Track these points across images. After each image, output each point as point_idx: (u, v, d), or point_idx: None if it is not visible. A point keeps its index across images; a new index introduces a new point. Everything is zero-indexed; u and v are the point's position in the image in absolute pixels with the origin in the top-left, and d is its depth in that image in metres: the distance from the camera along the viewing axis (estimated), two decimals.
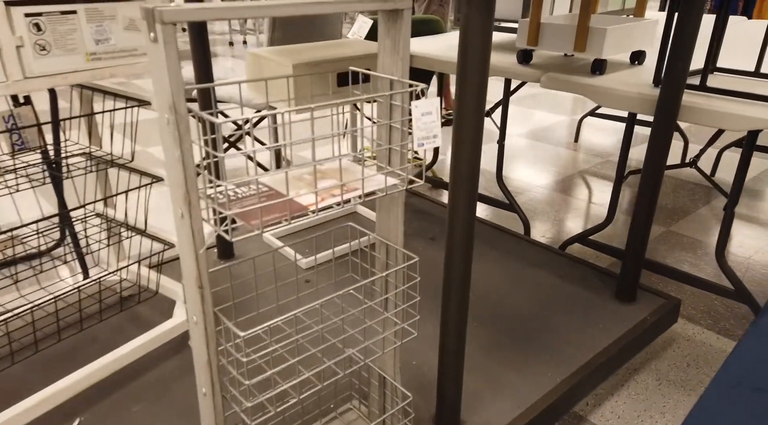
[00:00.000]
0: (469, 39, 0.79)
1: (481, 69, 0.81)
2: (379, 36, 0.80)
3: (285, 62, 1.38)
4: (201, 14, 0.58)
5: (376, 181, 0.78)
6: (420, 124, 0.75)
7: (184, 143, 0.63)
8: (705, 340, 1.50)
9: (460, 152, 0.85)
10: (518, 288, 1.50)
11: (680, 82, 1.22)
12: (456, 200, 0.88)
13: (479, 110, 0.84)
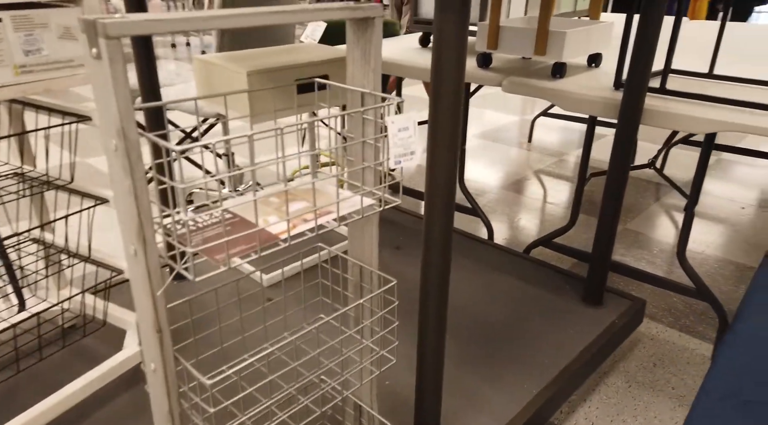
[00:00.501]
0: (443, 50, 0.74)
1: (456, 78, 0.76)
2: (347, 46, 0.75)
3: (238, 70, 1.29)
4: (153, 27, 0.51)
5: (351, 203, 0.72)
6: (397, 140, 0.69)
7: (136, 172, 0.55)
8: (668, 338, 1.52)
9: (437, 164, 0.81)
10: (487, 295, 1.48)
11: (642, 86, 1.22)
12: (432, 216, 0.84)
13: (455, 120, 0.79)
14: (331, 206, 0.71)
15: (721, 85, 1.40)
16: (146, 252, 0.58)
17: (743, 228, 2.11)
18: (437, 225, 0.83)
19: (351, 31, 0.73)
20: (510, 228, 2.11)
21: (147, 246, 0.58)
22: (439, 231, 0.83)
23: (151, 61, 1.38)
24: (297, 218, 0.68)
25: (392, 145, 0.69)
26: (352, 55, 0.74)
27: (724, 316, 1.40)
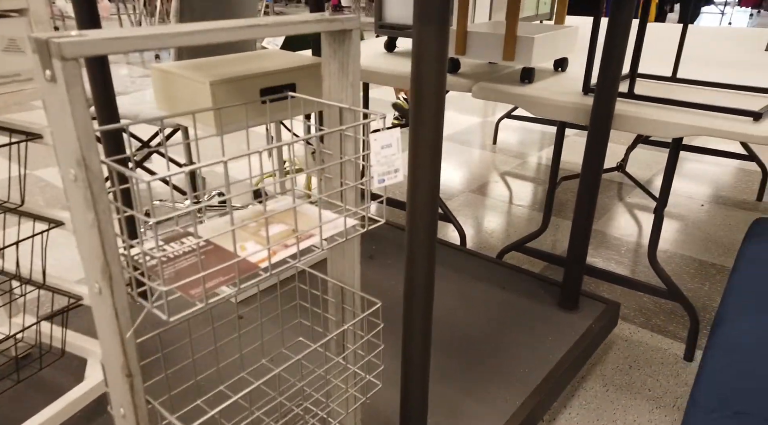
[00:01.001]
0: (424, 64, 0.71)
1: (437, 92, 0.73)
2: (323, 58, 0.71)
3: (201, 80, 1.23)
4: (114, 46, 0.46)
5: (334, 224, 0.68)
6: (380, 158, 0.66)
7: (99, 204, 0.50)
8: (641, 339, 1.54)
9: (419, 182, 0.78)
10: (464, 304, 1.46)
11: (613, 91, 1.22)
12: (415, 231, 0.81)
13: (436, 134, 0.76)
14: (313, 229, 0.67)
15: (685, 88, 1.42)
16: (113, 290, 0.53)
17: (704, 225, 2.17)
18: (421, 244, 0.80)
19: (327, 44, 0.69)
20: (481, 232, 2.11)
21: (113, 284, 0.53)
22: (423, 249, 0.80)
23: (105, 67, 1.30)
24: (277, 244, 0.64)
25: (375, 163, 0.66)
26: (328, 68, 0.70)
27: (695, 316, 1.42)
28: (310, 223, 0.69)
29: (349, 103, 0.70)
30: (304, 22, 0.60)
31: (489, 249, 1.98)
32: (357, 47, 0.67)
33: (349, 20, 0.65)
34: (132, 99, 1.81)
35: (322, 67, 0.71)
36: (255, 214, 0.72)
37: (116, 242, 0.52)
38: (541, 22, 2.19)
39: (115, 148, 1.33)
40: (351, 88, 0.69)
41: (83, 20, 1.22)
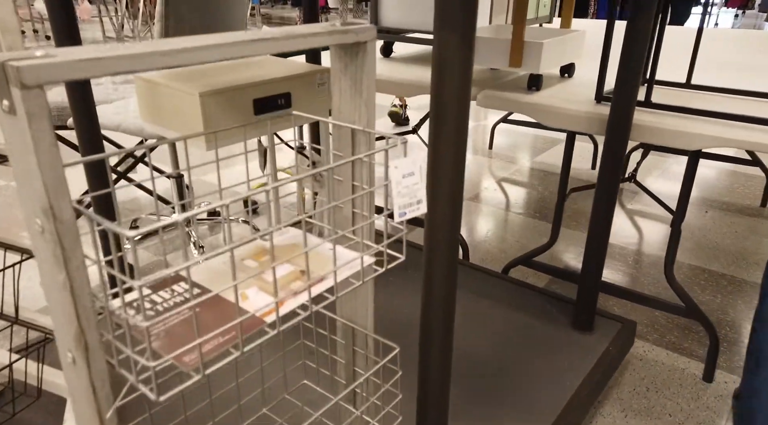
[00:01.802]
0: (446, 77, 0.63)
1: (460, 111, 0.65)
2: (332, 73, 0.62)
3: (189, 91, 1.14)
4: (90, 69, 0.37)
5: (348, 265, 0.59)
6: (401, 188, 0.57)
7: (72, 261, 0.40)
8: (656, 358, 1.47)
9: (437, 211, 0.69)
10: (472, 324, 1.38)
11: (631, 100, 1.15)
12: (433, 266, 0.72)
13: (459, 157, 0.68)
14: (321, 268, 0.58)
15: (701, 95, 1.36)
16: (89, 361, 0.44)
17: (710, 233, 2.11)
18: (441, 283, 0.72)
19: (337, 58, 0.60)
20: (482, 244, 2.03)
21: (90, 355, 0.43)
22: (443, 286, 0.71)
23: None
24: (285, 291, 0.55)
25: (396, 195, 0.57)
26: (338, 85, 0.61)
27: (715, 335, 1.35)
28: (319, 262, 0.60)
29: (363, 125, 0.61)
30: (314, 34, 0.51)
31: (492, 261, 1.90)
32: (372, 61, 0.58)
33: (364, 31, 0.56)
34: (115, 108, 1.71)
35: (331, 83, 0.62)
36: (256, 251, 0.62)
37: (93, 305, 0.42)
38: (540, 25, 2.12)
39: (96, 166, 1.23)
40: (365, 108, 0.60)
41: (59, 27, 1.12)
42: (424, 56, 1.85)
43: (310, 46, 0.51)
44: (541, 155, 2.95)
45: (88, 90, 1.18)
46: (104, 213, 1.28)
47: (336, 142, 0.64)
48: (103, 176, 1.22)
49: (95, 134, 1.21)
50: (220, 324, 0.50)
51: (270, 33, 0.49)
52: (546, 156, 2.94)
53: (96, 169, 1.20)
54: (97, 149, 1.24)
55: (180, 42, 0.44)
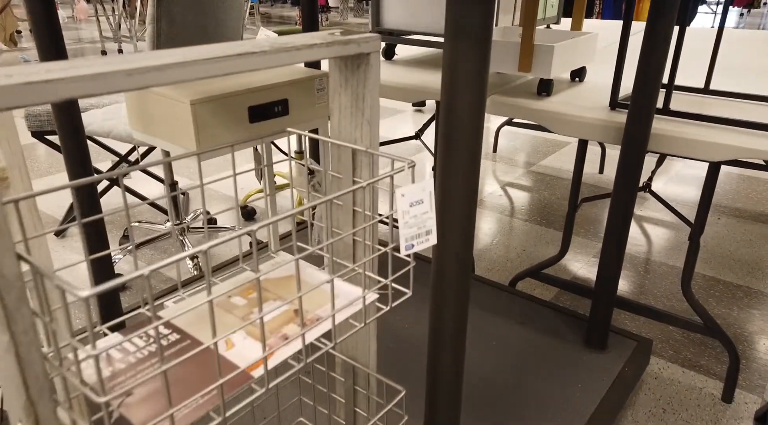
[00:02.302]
0: (458, 93, 0.56)
1: (474, 135, 0.58)
2: (331, 88, 0.55)
3: (180, 99, 1.07)
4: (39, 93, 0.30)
5: (348, 301, 0.52)
6: (408, 218, 0.51)
7: (17, 323, 0.34)
8: (672, 377, 1.40)
9: (449, 238, 0.62)
10: (478, 342, 1.31)
11: (650, 107, 1.08)
12: (444, 298, 0.65)
13: (473, 181, 0.61)
14: (315, 305, 0.51)
15: (720, 101, 1.29)
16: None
17: (724, 242, 2.05)
18: (450, 323, 0.65)
19: (337, 71, 0.53)
20: (488, 253, 1.96)
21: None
22: (453, 326, 0.64)
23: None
24: (276, 337, 0.48)
25: (403, 225, 0.50)
26: (338, 100, 0.55)
27: (735, 354, 1.28)
28: (315, 297, 0.54)
29: (365, 145, 0.54)
30: (309, 46, 0.45)
31: (498, 271, 1.84)
32: (376, 75, 0.52)
33: (368, 41, 0.49)
34: (104, 113, 1.64)
35: (330, 98, 0.55)
36: (243, 288, 0.56)
37: (45, 370, 0.36)
38: (548, 26, 2.05)
39: (81, 168, 1.16)
40: (368, 126, 0.53)
41: (43, 40, 1.05)
42: (428, 59, 1.78)
43: (305, 59, 0.44)
44: (547, 158, 2.88)
45: None
46: (92, 228, 1.21)
47: (335, 162, 0.58)
48: (91, 194, 1.16)
49: (80, 142, 1.14)
50: (200, 380, 0.43)
51: (259, 45, 0.43)
52: (552, 159, 2.87)
53: (83, 189, 1.14)
54: (83, 159, 1.17)
55: (149, 58, 0.37)
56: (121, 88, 0.35)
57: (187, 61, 0.37)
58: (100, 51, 5.54)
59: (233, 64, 0.39)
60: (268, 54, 0.42)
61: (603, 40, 2.15)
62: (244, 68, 0.41)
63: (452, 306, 0.65)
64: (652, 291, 1.74)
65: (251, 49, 0.41)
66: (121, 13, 5.50)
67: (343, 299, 0.54)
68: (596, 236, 2.08)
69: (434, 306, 0.65)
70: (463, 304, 0.66)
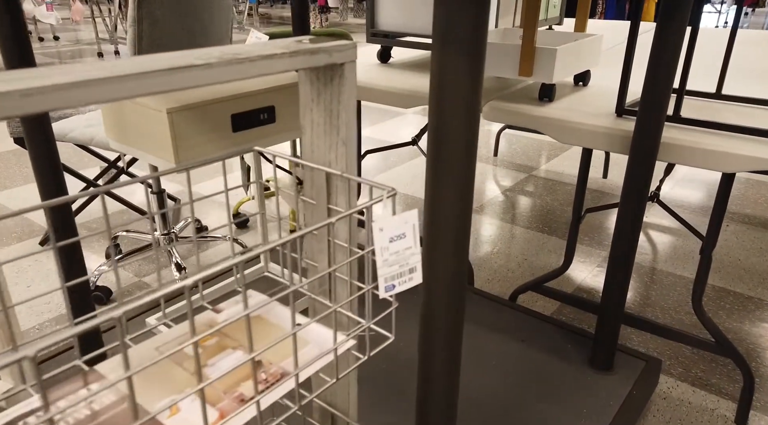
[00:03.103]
0: (447, 105, 0.49)
1: (467, 148, 0.51)
2: (301, 103, 0.48)
3: (156, 107, 1.00)
4: None
5: (319, 350, 0.45)
6: (387, 255, 0.44)
7: None
8: (682, 396, 1.33)
9: (437, 257, 0.55)
10: (475, 360, 1.24)
11: (660, 115, 1.00)
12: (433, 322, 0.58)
13: (466, 198, 0.54)
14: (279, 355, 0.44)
15: (733, 107, 1.22)
16: None
17: (733, 250, 1.97)
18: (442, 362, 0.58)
19: (307, 83, 0.46)
20: (488, 262, 1.89)
21: None
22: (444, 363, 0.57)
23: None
24: (231, 398, 0.41)
25: (381, 264, 0.43)
26: (309, 117, 0.48)
27: (749, 373, 1.21)
28: (284, 347, 0.47)
29: (340, 168, 0.47)
30: (268, 57, 0.37)
31: (498, 282, 1.76)
32: (351, 89, 0.44)
33: (341, 50, 0.42)
34: (87, 120, 1.58)
35: (300, 114, 0.48)
36: (203, 330, 0.49)
37: None
38: (550, 27, 1.98)
39: (54, 188, 1.09)
40: (344, 147, 0.46)
41: (7, 46, 0.98)
42: (425, 62, 1.71)
43: (263, 72, 0.37)
44: (549, 162, 2.81)
45: None
46: (68, 249, 1.14)
47: (308, 186, 0.51)
48: (66, 212, 1.09)
49: (51, 151, 1.07)
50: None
51: (203, 57, 0.35)
52: (555, 164, 2.80)
53: (57, 209, 1.07)
54: (53, 165, 1.09)
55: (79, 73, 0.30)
56: (69, 103, 0.28)
57: (100, 79, 0.30)
58: (96, 53, 5.48)
59: (164, 81, 0.32)
60: (214, 68, 0.35)
61: (607, 42, 2.07)
62: (176, 86, 0.34)
63: (443, 339, 0.58)
64: (660, 303, 1.67)
65: (192, 63, 0.34)
66: (118, 14, 5.43)
67: (314, 346, 0.46)
68: (601, 244, 2.00)
69: (424, 343, 0.57)
70: (456, 334, 0.59)
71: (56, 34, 6.32)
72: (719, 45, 1.95)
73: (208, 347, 0.46)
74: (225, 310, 0.52)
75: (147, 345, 0.46)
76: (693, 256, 1.93)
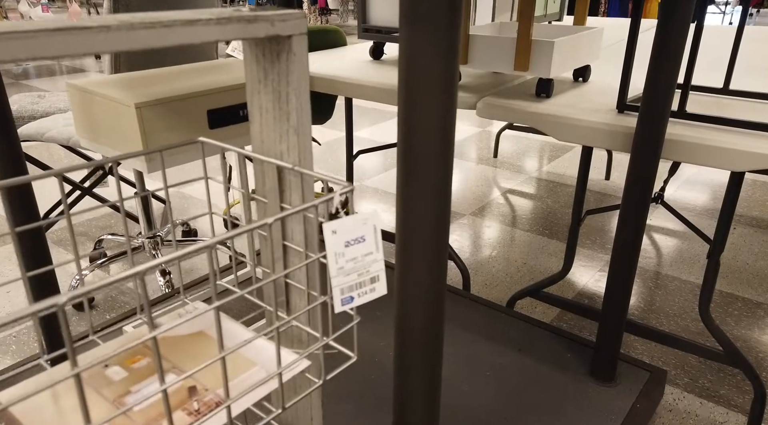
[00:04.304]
0: (419, 93, 0.42)
1: (444, 139, 0.45)
2: (248, 84, 0.42)
3: (125, 102, 0.94)
4: None
5: (266, 370, 0.39)
6: (343, 262, 0.37)
7: None
8: (689, 408, 1.25)
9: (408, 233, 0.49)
10: (469, 370, 1.17)
11: (664, 110, 0.94)
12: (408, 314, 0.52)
13: (443, 196, 0.47)
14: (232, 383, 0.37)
15: (741, 103, 1.15)
16: None
17: (741, 254, 1.89)
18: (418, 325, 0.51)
19: (253, 62, 0.40)
20: (486, 266, 1.82)
21: None
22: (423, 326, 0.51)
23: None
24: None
25: (334, 272, 0.37)
26: (257, 101, 0.41)
27: (760, 385, 1.14)
28: (228, 368, 0.40)
29: (292, 161, 0.41)
30: (192, 22, 0.31)
31: (497, 287, 1.69)
32: (302, 67, 0.38)
33: (285, 19, 0.36)
34: (66, 119, 1.52)
35: (247, 99, 0.42)
36: (126, 354, 0.42)
37: None
38: (549, 23, 1.91)
39: (22, 205, 1.02)
40: (295, 136, 0.40)
41: None
42: None
43: (183, 41, 0.31)
44: (550, 164, 2.74)
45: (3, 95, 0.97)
46: (33, 239, 1.08)
47: (259, 180, 0.44)
48: (30, 205, 1.02)
49: (11, 143, 1.00)
50: None
51: (108, 20, 0.29)
52: (556, 165, 2.73)
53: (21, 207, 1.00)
54: (16, 165, 1.02)
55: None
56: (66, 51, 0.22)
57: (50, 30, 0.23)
58: (93, 55, 5.44)
59: (44, 42, 0.26)
60: (113, 32, 0.28)
61: (609, 39, 2.01)
62: (68, 51, 0.27)
63: (421, 356, 0.51)
64: (664, 309, 1.60)
65: (88, 24, 0.28)
66: None
67: (261, 369, 0.40)
68: (602, 248, 1.93)
69: (399, 360, 0.51)
70: (435, 350, 0.52)
71: None
72: (725, 41, 1.88)
73: (135, 371, 0.40)
74: (163, 325, 0.45)
75: (64, 365, 0.40)
76: (699, 260, 1.85)
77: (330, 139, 3.15)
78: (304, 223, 0.42)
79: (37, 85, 4.36)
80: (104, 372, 0.40)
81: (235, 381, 0.39)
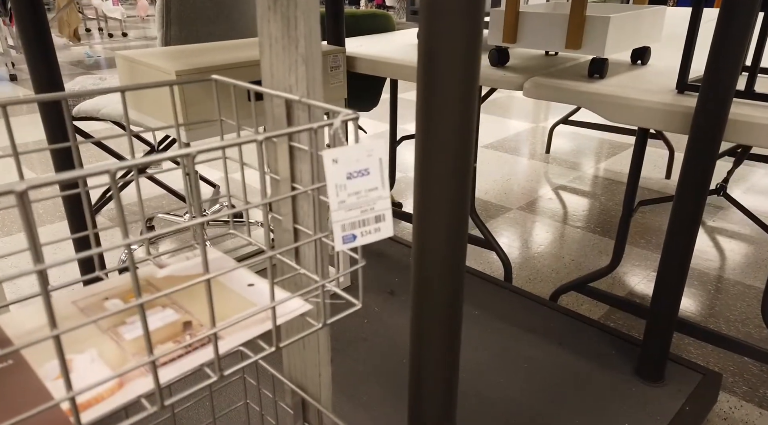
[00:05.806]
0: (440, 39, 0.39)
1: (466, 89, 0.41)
2: (258, 13, 0.40)
3: (166, 69, 0.95)
4: None
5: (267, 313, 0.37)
6: (346, 195, 0.34)
7: None
8: (746, 418, 1.16)
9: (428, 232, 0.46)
10: (507, 365, 1.12)
11: (729, 88, 0.86)
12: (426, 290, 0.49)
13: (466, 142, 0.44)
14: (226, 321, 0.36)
15: None
16: None
17: None
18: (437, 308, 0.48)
19: None
20: (531, 261, 1.76)
21: None
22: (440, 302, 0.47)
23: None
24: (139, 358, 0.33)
25: (335, 206, 0.34)
26: (267, 30, 0.39)
27: None
28: (225, 306, 0.38)
29: (300, 94, 0.39)
30: None
31: (541, 282, 1.63)
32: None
33: None
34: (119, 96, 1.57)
35: (258, 30, 0.40)
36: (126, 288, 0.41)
37: None
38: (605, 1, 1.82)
39: None
40: (304, 66, 0.38)
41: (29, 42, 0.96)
42: None
43: None
44: (606, 161, 2.62)
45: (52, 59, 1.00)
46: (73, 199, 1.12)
47: (269, 117, 0.42)
48: None
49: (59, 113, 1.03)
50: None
51: None
52: (612, 162, 2.61)
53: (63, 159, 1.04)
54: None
55: None
56: None
57: None
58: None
59: None
60: None
61: (675, 26, 1.89)
62: None
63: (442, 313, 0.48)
64: (724, 313, 1.49)
65: None
66: None
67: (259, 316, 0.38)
68: (658, 248, 1.82)
69: (415, 332, 0.48)
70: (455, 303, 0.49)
71: (125, 31, 6.59)
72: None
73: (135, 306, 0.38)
74: (170, 266, 0.44)
75: (63, 295, 0.39)
76: (765, 265, 1.72)
77: (377, 131, 3.14)
78: (312, 161, 0.40)
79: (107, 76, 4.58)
80: (103, 304, 0.39)
81: (232, 318, 0.37)
